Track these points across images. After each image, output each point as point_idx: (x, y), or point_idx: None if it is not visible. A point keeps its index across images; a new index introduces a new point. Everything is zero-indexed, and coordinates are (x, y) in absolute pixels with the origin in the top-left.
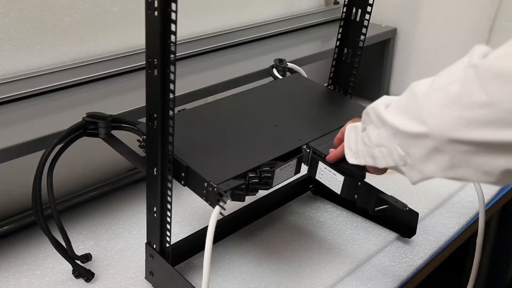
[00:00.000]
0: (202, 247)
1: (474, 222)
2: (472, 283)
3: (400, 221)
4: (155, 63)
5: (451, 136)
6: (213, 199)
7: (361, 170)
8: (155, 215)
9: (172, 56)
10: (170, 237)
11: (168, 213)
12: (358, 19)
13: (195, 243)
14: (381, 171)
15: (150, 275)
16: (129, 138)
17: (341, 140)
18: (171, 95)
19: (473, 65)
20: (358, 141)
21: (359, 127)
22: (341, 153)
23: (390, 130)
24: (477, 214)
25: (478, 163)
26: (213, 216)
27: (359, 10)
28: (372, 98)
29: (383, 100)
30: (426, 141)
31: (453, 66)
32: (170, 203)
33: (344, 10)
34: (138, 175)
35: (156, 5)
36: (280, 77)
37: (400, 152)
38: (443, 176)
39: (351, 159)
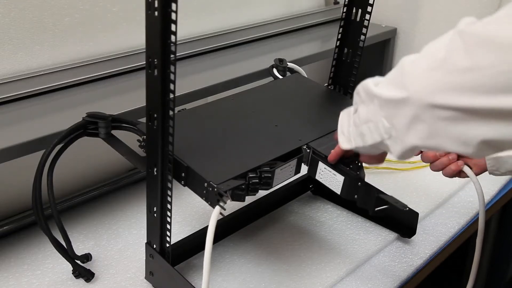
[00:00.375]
0: (202, 247)
1: (474, 222)
2: (472, 283)
3: (400, 221)
4: (155, 63)
5: (430, 101)
6: (213, 199)
7: (361, 169)
8: (155, 215)
9: (172, 56)
10: (170, 237)
11: (168, 213)
12: (358, 19)
13: (195, 243)
14: (376, 159)
15: (150, 275)
16: (129, 138)
17: None
18: (171, 95)
19: (459, 31)
20: (350, 124)
21: (351, 111)
22: (341, 150)
23: (377, 102)
24: (477, 214)
25: (456, 131)
26: (213, 216)
27: (359, 10)
28: None
29: (373, 78)
30: (407, 108)
31: (443, 36)
32: (170, 203)
33: (344, 10)
34: (138, 175)
35: (156, 5)
36: (280, 77)
37: (386, 124)
38: (423, 145)
39: (344, 144)
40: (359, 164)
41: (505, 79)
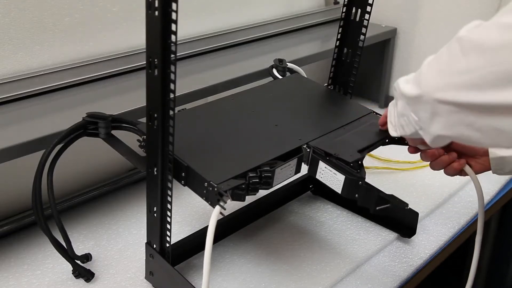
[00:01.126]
0: (202, 247)
1: (474, 222)
2: (471, 283)
3: (400, 221)
4: (156, 63)
5: (436, 97)
6: (213, 199)
7: (362, 168)
8: (155, 215)
9: (172, 56)
10: (170, 237)
11: (168, 213)
12: (358, 19)
13: (195, 243)
14: (420, 141)
15: (150, 275)
16: (129, 138)
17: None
18: (172, 95)
19: (458, 38)
20: (395, 114)
21: (395, 102)
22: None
23: (404, 99)
24: (477, 214)
25: (468, 121)
26: (213, 216)
27: (359, 10)
28: (372, 98)
29: (407, 76)
30: (425, 104)
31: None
32: (170, 203)
33: (344, 10)
34: (138, 175)
35: (156, 5)
36: (280, 77)
37: (414, 118)
38: (448, 135)
39: (392, 132)
40: (360, 163)
41: (493, 78)
